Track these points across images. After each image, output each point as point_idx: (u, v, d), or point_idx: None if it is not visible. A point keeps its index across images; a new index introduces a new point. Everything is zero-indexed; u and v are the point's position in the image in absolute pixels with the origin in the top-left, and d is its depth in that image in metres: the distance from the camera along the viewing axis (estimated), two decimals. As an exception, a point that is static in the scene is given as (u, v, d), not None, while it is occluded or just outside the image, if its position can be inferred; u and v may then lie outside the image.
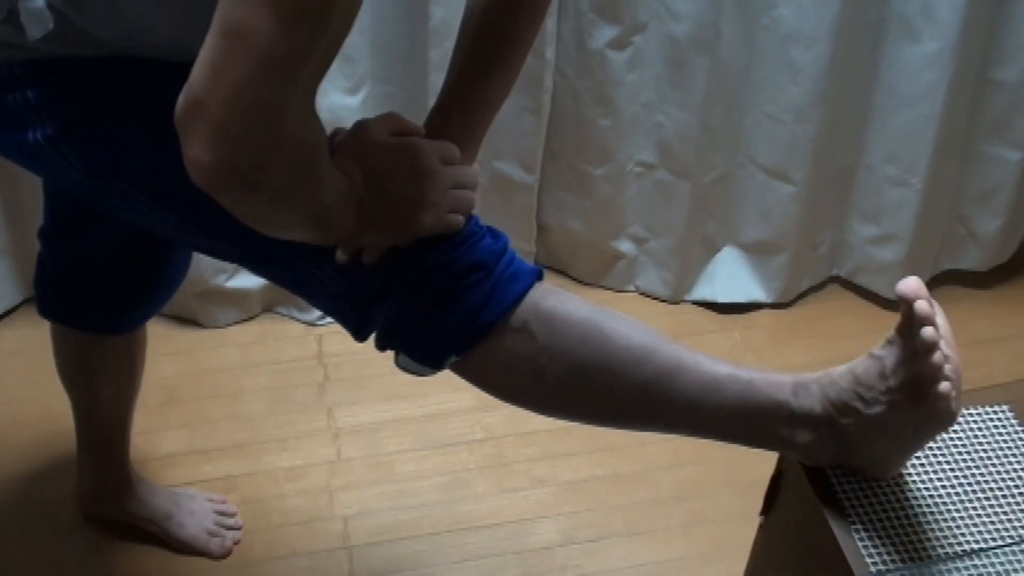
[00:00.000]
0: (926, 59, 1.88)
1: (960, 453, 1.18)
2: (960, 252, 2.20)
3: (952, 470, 1.16)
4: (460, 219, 1.10)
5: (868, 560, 1.06)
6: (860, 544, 1.08)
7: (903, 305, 1.03)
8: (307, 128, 0.95)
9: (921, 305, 1.01)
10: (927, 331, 1.00)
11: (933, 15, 1.84)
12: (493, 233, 1.14)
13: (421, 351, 1.12)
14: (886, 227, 2.08)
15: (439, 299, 1.09)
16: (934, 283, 2.22)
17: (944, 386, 1.01)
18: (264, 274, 1.20)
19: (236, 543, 1.70)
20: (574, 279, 2.19)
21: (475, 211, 1.15)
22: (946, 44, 1.86)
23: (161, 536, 1.68)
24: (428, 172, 1.09)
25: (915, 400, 1.03)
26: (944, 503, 1.13)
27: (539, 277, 1.13)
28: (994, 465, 1.17)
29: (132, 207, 1.13)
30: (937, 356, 1.00)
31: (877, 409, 1.05)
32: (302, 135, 0.93)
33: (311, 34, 0.87)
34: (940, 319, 1.04)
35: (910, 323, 1.02)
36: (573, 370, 1.11)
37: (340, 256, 1.08)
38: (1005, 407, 1.22)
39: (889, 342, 1.05)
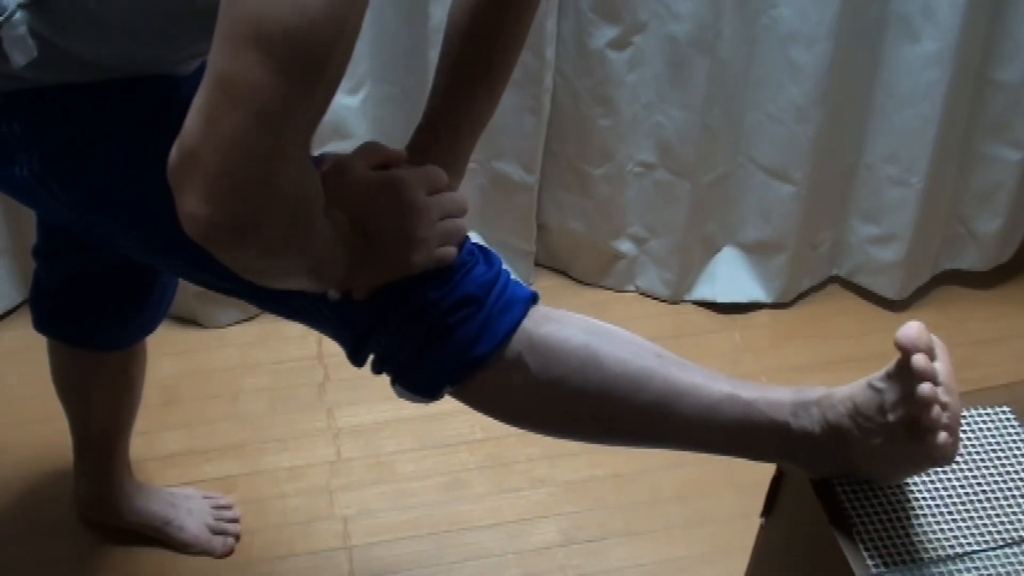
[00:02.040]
0: (926, 59, 1.88)
1: (961, 454, 1.18)
2: (960, 252, 2.20)
3: (953, 471, 1.16)
4: (452, 251, 1.08)
5: (869, 561, 1.06)
6: (861, 545, 1.08)
7: (902, 352, 1.02)
8: (303, 179, 0.92)
9: (918, 360, 0.99)
10: (924, 388, 0.99)
11: (933, 15, 1.84)
12: (487, 257, 1.12)
13: (415, 382, 1.12)
14: (886, 227, 2.08)
15: (430, 334, 1.08)
16: (934, 283, 2.22)
17: (941, 437, 0.99)
18: (256, 304, 1.20)
19: (237, 539, 1.70)
20: (574, 279, 2.19)
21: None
22: (946, 44, 1.86)
23: (161, 540, 1.68)
24: (414, 208, 1.06)
25: (913, 439, 1.02)
26: (945, 504, 1.13)
27: (533, 302, 1.11)
28: (995, 466, 1.17)
29: (121, 240, 1.12)
30: (935, 411, 0.99)
31: (876, 440, 1.05)
32: (298, 186, 0.91)
33: (307, 84, 0.84)
34: (940, 362, 1.02)
35: (909, 369, 1.01)
36: (570, 398, 1.10)
37: (332, 295, 1.07)
38: (1006, 408, 1.22)
39: (889, 376, 1.03)
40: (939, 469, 1.16)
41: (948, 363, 1.03)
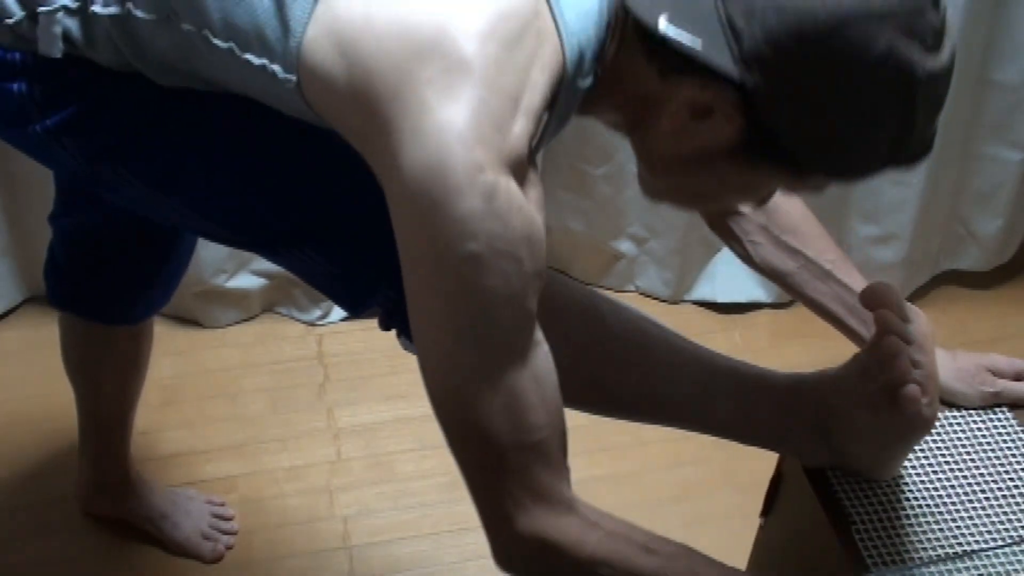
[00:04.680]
0: (926, 59, 1.88)
1: (960, 454, 1.18)
2: (960, 252, 2.20)
3: (952, 471, 1.16)
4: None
5: (868, 561, 1.06)
6: (860, 544, 1.08)
7: (867, 308, 1.05)
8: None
9: (880, 315, 1.02)
10: (886, 340, 1.02)
11: (933, 15, 1.84)
12: None
13: None
14: (886, 227, 2.08)
15: None
16: (934, 283, 2.22)
17: (908, 389, 1.01)
18: (259, 255, 1.21)
19: (229, 548, 1.70)
20: (574, 279, 2.19)
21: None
22: (946, 44, 1.86)
23: (156, 535, 1.68)
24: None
25: (892, 404, 1.03)
26: (944, 504, 1.13)
27: None
28: (993, 466, 1.17)
29: (133, 193, 1.13)
30: (901, 361, 1.01)
31: (860, 412, 1.06)
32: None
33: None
34: (915, 323, 1.04)
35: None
36: (573, 358, 1.11)
37: None
38: (1004, 408, 1.22)
39: (872, 346, 1.05)
40: (938, 468, 1.16)
41: (924, 327, 1.05)
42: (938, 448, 1.18)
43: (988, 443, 1.19)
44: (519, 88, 0.86)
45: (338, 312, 2.07)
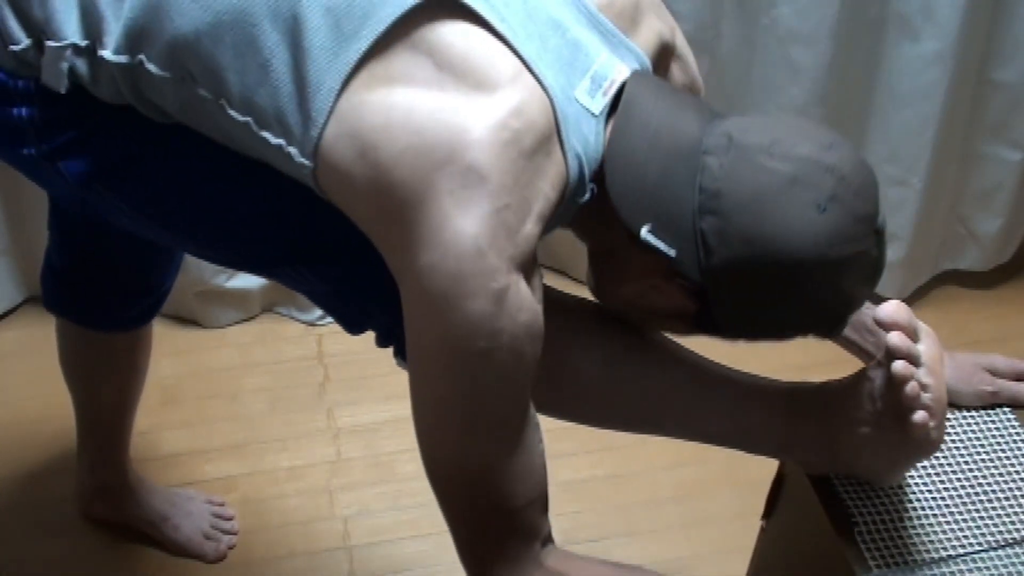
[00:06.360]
0: (926, 59, 1.88)
1: (961, 455, 1.18)
2: (960, 252, 2.20)
3: (953, 472, 1.16)
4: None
5: (870, 562, 1.06)
6: (862, 545, 1.08)
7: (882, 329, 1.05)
8: None
9: (894, 338, 1.03)
10: (897, 365, 1.02)
11: (933, 15, 1.84)
12: None
13: None
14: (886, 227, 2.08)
15: None
16: (934, 283, 2.22)
17: (918, 416, 1.01)
18: (254, 274, 1.22)
19: (231, 547, 1.69)
20: (574, 279, 2.19)
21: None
22: (946, 44, 1.86)
23: (157, 538, 1.68)
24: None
25: (898, 425, 1.03)
26: (945, 505, 1.13)
27: None
28: (995, 467, 1.17)
29: (124, 217, 1.14)
30: (910, 387, 1.01)
31: (865, 430, 1.06)
32: None
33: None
34: (925, 344, 1.04)
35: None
36: (569, 375, 1.11)
37: None
38: (1006, 409, 1.22)
39: (879, 364, 1.05)
40: (940, 469, 1.16)
41: (934, 348, 1.05)
42: (941, 450, 1.18)
43: (991, 444, 1.19)
44: (531, 199, 0.92)
45: (338, 312, 2.07)
